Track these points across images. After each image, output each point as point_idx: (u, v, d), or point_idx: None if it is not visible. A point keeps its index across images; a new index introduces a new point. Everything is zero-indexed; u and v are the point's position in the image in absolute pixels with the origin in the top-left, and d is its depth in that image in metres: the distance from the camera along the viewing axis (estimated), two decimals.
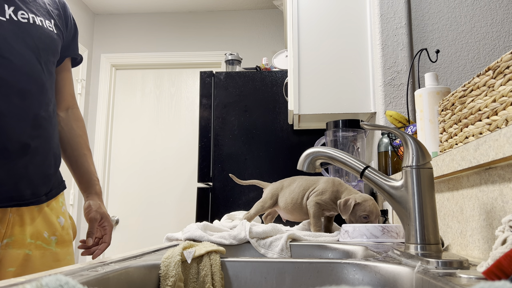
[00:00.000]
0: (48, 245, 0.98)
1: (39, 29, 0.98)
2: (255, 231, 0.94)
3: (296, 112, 1.69)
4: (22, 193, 0.93)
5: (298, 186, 1.22)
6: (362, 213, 1.07)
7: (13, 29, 0.93)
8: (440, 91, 0.97)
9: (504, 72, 0.60)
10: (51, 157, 1.02)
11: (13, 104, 0.90)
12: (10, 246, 0.91)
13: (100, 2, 3.42)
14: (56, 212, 1.04)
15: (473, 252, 0.68)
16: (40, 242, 0.96)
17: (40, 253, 0.96)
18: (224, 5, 3.46)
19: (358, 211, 1.08)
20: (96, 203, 1.11)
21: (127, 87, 3.55)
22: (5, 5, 0.93)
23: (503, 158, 0.54)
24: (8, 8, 0.93)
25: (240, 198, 2.01)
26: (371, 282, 0.59)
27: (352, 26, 1.73)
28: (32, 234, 0.95)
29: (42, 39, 0.99)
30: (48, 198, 1.00)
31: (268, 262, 0.63)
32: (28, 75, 0.94)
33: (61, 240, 1.02)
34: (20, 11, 0.96)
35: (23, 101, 0.92)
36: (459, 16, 1.66)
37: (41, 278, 0.32)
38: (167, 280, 0.60)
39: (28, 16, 0.97)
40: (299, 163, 0.72)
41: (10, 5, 0.94)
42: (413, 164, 0.61)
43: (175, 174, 3.36)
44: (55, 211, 1.03)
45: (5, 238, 0.91)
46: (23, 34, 0.94)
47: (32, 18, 0.98)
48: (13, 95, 0.90)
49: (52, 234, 1.00)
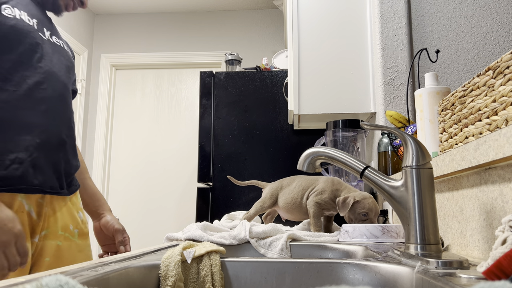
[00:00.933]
0: (73, 237, 1.09)
1: (67, 53, 1.17)
2: (255, 231, 0.94)
3: (296, 112, 1.69)
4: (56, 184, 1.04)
5: (298, 185, 1.22)
6: (361, 210, 1.07)
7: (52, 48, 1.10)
8: (440, 91, 0.97)
9: (504, 72, 0.60)
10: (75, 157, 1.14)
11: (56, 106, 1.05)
12: (47, 238, 1.02)
13: (100, 2, 3.42)
14: (76, 207, 1.15)
15: (473, 252, 0.68)
16: (68, 234, 1.07)
17: (68, 244, 1.07)
18: (224, 5, 3.46)
19: (357, 209, 1.07)
20: (113, 218, 1.24)
21: (127, 87, 3.55)
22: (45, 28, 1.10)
23: (503, 158, 0.54)
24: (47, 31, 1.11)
25: (240, 198, 2.01)
26: (371, 282, 0.59)
27: (352, 26, 1.73)
28: (62, 226, 1.06)
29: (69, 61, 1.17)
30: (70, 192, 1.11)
31: (268, 262, 0.63)
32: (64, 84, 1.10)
33: (82, 233, 1.13)
34: (54, 36, 1.14)
35: (63, 105, 1.08)
36: (459, 16, 1.66)
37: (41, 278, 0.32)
38: (167, 280, 0.60)
39: (59, 42, 1.15)
40: (299, 163, 0.72)
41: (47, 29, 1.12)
42: (413, 164, 0.61)
43: (175, 174, 3.36)
44: (76, 206, 1.14)
45: (43, 230, 1.01)
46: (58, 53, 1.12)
47: (62, 44, 1.17)
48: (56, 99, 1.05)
49: (75, 227, 1.11)
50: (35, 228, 0.99)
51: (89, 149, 3.44)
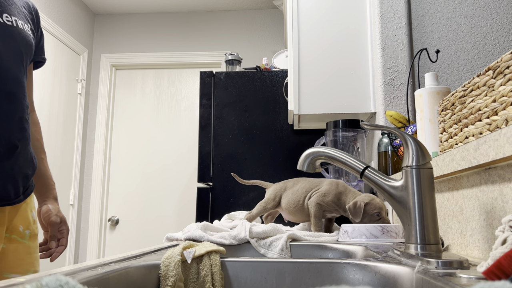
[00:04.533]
0: (22, 238, 1.01)
1: (22, 33, 1.00)
2: (255, 231, 0.94)
3: (296, 112, 1.69)
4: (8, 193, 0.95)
5: (301, 187, 1.21)
6: (374, 211, 1.07)
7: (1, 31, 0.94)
8: (440, 91, 0.97)
9: (504, 72, 0.60)
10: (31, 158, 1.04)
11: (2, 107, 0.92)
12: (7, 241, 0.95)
13: (100, 2, 3.42)
14: (30, 206, 1.07)
15: (473, 252, 0.68)
16: (15, 236, 1.00)
17: (14, 247, 0.99)
18: (224, 5, 3.46)
19: (369, 210, 1.08)
20: (55, 207, 1.14)
21: (127, 87, 3.55)
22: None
23: (503, 158, 0.54)
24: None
25: (240, 198, 2.01)
26: (371, 282, 0.59)
27: (352, 26, 1.73)
28: (7, 228, 0.98)
29: (24, 43, 1.01)
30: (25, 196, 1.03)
31: (268, 262, 0.63)
32: (14, 79, 0.96)
33: (33, 234, 1.06)
34: (5, 13, 0.97)
35: (10, 104, 0.94)
36: (459, 16, 1.66)
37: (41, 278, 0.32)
38: (167, 280, 0.60)
39: (11, 19, 0.98)
40: (299, 163, 0.72)
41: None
42: (413, 164, 0.61)
43: (175, 174, 3.36)
44: (30, 205, 1.07)
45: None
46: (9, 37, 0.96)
47: (15, 21, 0.99)
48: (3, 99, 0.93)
49: (26, 228, 1.03)
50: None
51: (89, 149, 3.44)
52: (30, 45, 1.04)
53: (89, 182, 3.39)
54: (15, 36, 0.98)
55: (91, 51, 3.56)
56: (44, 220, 1.12)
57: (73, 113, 3.30)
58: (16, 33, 0.98)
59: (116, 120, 3.51)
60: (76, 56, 3.35)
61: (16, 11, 1.02)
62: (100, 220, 3.32)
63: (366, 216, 1.08)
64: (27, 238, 1.03)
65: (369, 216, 1.08)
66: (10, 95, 0.95)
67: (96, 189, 3.35)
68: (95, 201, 3.34)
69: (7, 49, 0.95)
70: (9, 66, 0.95)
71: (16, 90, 0.96)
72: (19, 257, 1.00)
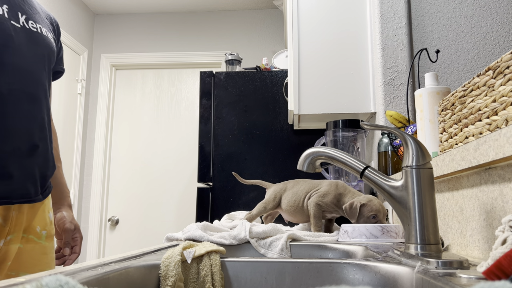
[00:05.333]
0: (39, 239, 1.03)
1: (45, 39, 1.06)
2: (255, 231, 0.94)
3: (296, 112, 1.69)
4: (29, 190, 0.98)
5: (301, 189, 1.21)
6: (370, 213, 1.07)
7: (25, 37, 0.99)
8: (440, 91, 0.97)
9: (504, 72, 0.60)
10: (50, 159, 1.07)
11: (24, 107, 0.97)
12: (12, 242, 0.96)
13: (100, 2, 3.42)
14: (48, 207, 1.09)
15: (473, 252, 0.68)
16: (32, 236, 1.01)
17: (30, 247, 1.01)
18: (224, 5, 3.46)
19: (365, 212, 1.07)
20: (69, 214, 1.17)
21: (127, 87, 3.55)
22: (19, 13, 0.99)
23: (503, 158, 0.54)
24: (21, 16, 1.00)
25: (240, 198, 2.01)
26: (371, 282, 0.59)
27: (352, 26, 1.73)
28: (25, 228, 1.00)
29: (47, 48, 1.06)
30: (44, 196, 1.05)
31: (268, 262, 0.63)
32: (36, 81, 1.00)
33: (49, 234, 1.07)
34: (30, 20, 1.02)
35: (33, 105, 0.99)
36: (459, 16, 1.66)
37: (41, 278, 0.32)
38: (167, 280, 0.60)
39: (36, 26, 1.03)
40: (299, 163, 0.72)
41: (22, 13, 1.00)
42: (413, 164, 0.61)
43: (175, 174, 3.36)
44: (47, 206, 1.09)
45: (9, 234, 0.96)
46: (34, 42, 1.01)
47: (40, 28, 1.04)
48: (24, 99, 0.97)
49: (43, 229, 1.05)
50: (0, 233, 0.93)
51: (89, 149, 3.44)
52: (53, 51, 1.09)
53: (89, 182, 3.39)
54: (39, 41, 1.03)
55: (91, 51, 3.56)
56: (59, 227, 1.14)
57: (73, 113, 3.30)
58: (40, 39, 1.03)
59: (116, 120, 3.51)
60: (76, 56, 3.35)
61: (40, 20, 1.07)
62: (100, 220, 3.32)
63: (361, 217, 1.07)
64: (43, 239, 1.05)
65: (364, 218, 1.07)
66: (32, 96, 0.99)
67: (96, 189, 3.35)
68: (95, 201, 3.34)
69: (31, 52, 0.99)
70: (32, 69, 0.99)
71: (38, 91, 1.01)
72: (35, 257, 1.02)
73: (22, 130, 0.96)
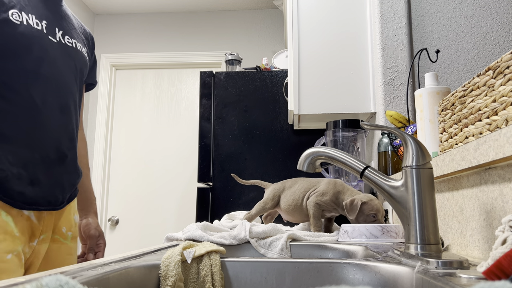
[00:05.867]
0: (65, 239, 1.08)
1: (79, 54, 1.13)
2: (255, 231, 0.94)
3: (296, 112, 1.69)
4: (56, 198, 1.03)
5: (300, 187, 1.21)
6: (370, 212, 1.07)
7: (60, 51, 1.05)
8: (440, 91, 0.97)
9: (504, 72, 0.60)
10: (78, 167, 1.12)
11: (56, 117, 1.02)
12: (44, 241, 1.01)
13: (100, 2, 3.42)
14: (73, 210, 1.14)
15: (473, 252, 0.68)
16: (58, 236, 1.06)
17: (57, 247, 1.05)
18: (224, 5, 3.46)
19: (365, 210, 1.07)
20: (95, 221, 1.22)
21: (127, 87, 3.55)
22: (56, 28, 1.06)
23: (503, 158, 0.54)
24: (58, 31, 1.06)
25: (240, 198, 2.01)
26: (371, 282, 0.59)
27: (352, 26, 1.73)
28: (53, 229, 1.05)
29: (81, 62, 1.13)
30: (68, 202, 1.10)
31: (268, 262, 0.63)
32: (68, 93, 1.06)
33: (74, 235, 1.12)
34: (66, 36, 1.09)
35: (63, 115, 1.04)
36: (459, 16, 1.66)
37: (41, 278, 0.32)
38: (167, 280, 0.60)
39: (72, 41, 1.10)
40: (299, 163, 0.72)
41: (59, 29, 1.07)
42: (413, 164, 0.61)
43: (175, 174, 3.36)
44: (73, 208, 1.14)
45: (42, 234, 1.00)
46: (67, 56, 1.07)
47: (75, 43, 1.11)
48: (56, 110, 1.02)
49: (69, 230, 1.10)
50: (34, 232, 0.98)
51: (89, 149, 3.44)
52: (86, 65, 1.16)
53: None
54: (73, 55, 1.09)
55: None
56: (84, 233, 1.19)
57: None
58: (74, 53, 1.10)
59: (116, 120, 3.51)
60: None
61: (76, 35, 1.14)
62: (100, 220, 3.32)
63: (361, 215, 1.07)
64: (69, 239, 1.09)
65: (364, 216, 1.07)
66: (64, 107, 1.04)
67: (96, 189, 3.35)
68: None
69: (64, 66, 1.05)
70: (65, 81, 1.04)
71: (69, 103, 1.06)
72: (61, 257, 1.07)
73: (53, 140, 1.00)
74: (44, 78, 0.98)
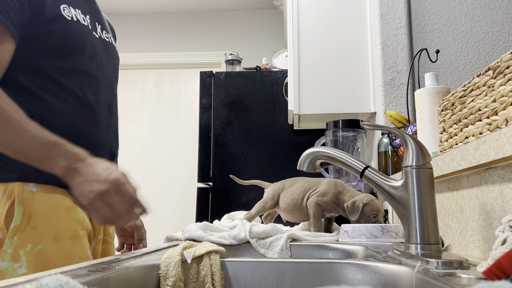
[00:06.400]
0: (112, 239, 1.09)
1: (115, 50, 1.10)
2: (255, 231, 0.94)
3: (296, 112, 1.69)
4: None
5: (299, 187, 1.21)
6: (371, 213, 1.07)
7: (103, 48, 1.02)
8: (440, 91, 0.97)
9: (504, 72, 0.60)
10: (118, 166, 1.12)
11: (105, 117, 1.00)
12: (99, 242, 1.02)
13: (100, 2, 3.41)
14: None
15: (473, 252, 0.68)
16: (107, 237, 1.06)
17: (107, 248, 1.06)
18: (224, 5, 3.46)
19: (367, 211, 1.08)
20: None
21: (127, 87, 3.55)
22: (96, 22, 1.01)
23: (503, 158, 0.54)
24: (98, 25, 1.01)
25: (240, 198, 2.01)
26: (371, 282, 0.59)
27: (352, 26, 1.73)
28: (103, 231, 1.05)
29: (117, 59, 1.11)
30: None
31: (268, 262, 0.63)
32: (113, 92, 1.05)
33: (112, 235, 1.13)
34: (104, 30, 1.05)
35: (111, 115, 1.03)
36: (459, 16, 1.66)
37: (41, 278, 0.32)
38: (167, 280, 0.60)
39: (108, 36, 1.07)
40: (299, 163, 0.72)
41: (98, 23, 1.02)
42: (413, 164, 0.61)
43: (175, 174, 3.36)
44: None
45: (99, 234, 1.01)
46: (108, 53, 1.04)
47: (110, 38, 1.08)
48: (105, 110, 1.00)
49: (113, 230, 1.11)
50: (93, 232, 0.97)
51: None
52: (119, 61, 1.13)
53: None
54: (112, 52, 1.07)
55: None
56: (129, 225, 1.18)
57: None
58: (112, 49, 1.07)
59: None
60: None
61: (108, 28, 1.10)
62: None
63: (363, 216, 1.08)
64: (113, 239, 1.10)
65: (365, 217, 1.08)
66: (111, 107, 1.03)
67: None
68: None
69: (108, 64, 1.03)
70: (109, 80, 1.03)
71: (114, 102, 1.05)
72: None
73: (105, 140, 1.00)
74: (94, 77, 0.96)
